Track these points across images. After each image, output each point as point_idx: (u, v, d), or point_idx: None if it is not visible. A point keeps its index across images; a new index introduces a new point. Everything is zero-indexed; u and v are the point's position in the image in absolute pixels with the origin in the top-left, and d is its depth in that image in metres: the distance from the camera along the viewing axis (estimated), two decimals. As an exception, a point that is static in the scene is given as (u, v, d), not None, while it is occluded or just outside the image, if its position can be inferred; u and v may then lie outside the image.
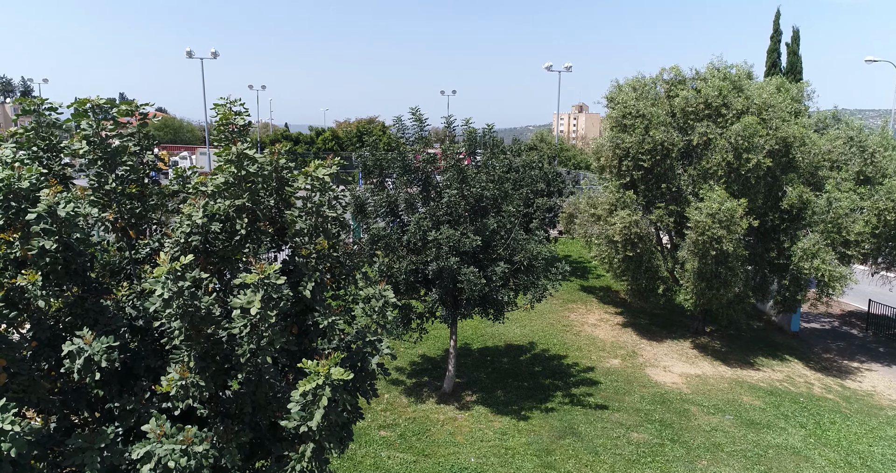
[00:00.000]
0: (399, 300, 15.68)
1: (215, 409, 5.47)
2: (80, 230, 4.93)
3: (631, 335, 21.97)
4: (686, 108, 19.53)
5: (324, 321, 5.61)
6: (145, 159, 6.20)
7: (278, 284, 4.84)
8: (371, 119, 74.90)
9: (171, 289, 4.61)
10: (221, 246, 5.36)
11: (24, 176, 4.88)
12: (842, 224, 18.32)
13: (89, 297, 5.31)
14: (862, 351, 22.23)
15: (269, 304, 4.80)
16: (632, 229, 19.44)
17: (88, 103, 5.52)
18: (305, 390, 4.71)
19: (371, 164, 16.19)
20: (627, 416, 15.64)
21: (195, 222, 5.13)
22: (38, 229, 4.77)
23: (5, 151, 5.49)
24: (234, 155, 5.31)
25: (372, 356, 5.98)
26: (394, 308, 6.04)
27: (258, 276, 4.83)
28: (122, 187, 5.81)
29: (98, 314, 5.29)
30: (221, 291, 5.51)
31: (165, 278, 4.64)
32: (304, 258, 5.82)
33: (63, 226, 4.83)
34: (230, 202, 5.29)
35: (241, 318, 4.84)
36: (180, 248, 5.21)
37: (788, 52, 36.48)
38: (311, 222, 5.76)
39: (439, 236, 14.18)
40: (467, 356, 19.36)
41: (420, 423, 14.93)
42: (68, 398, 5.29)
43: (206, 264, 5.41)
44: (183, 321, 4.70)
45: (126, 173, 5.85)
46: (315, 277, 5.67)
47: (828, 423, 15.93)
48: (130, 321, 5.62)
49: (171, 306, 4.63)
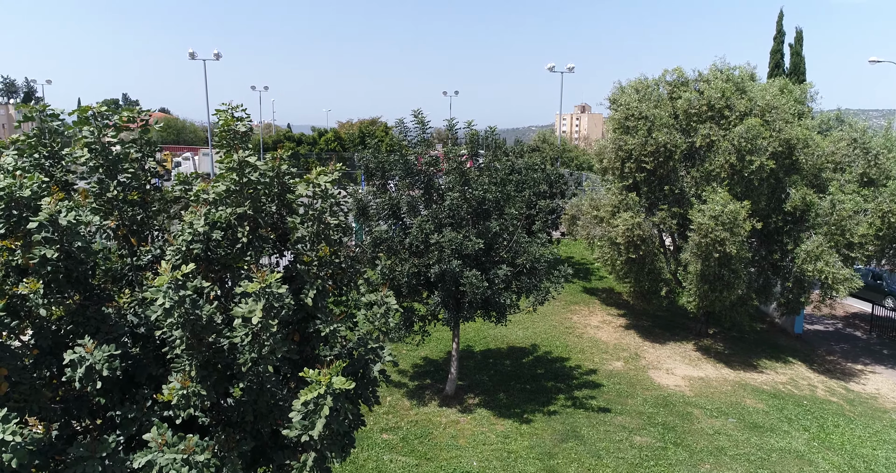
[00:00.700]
0: (401, 303, 15.68)
1: (217, 417, 5.46)
2: (81, 239, 4.92)
3: (634, 337, 21.92)
4: (689, 110, 19.48)
5: (325, 328, 5.60)
6: (147, 166, 6.19)
7: (280, 293, 4.82)
8: (373, 120, 74.92)
9: (173, 298, 4.60)
10: (223, 254, 5.34)
11: (25, 184, 4.87)
12: (845, 226, 18.25)
13: (91, 305, 5.30)
14: (866, 353, 22.15)
15: (270, 313, 4.79)
16: (634, 232, 19.40)
17: (90, 111, 5.51)
18: (307, 399, 4.69)
19: (373, 166, 16.20)
20: (630, 419, 15.59)
21: (196, 230, 5.12)
22: (40, 237, 4.76)
23: (7, 158, 5.48)
24: (236, 163, 5.30)
25: (374, 363, 5.96)
26: (396, 314, 6.01)
27: (260, 285, 4.81)
28: (124, 193, 5.80)
29: (100, 322, 5.28)
30: (223, 298, 5.49)
31: (167, 287, 4.63)
32: (305, 265, 5.80)
33: (65, 235, 4.82)
34: (232, 210, 5.28)
35: (242, 327, 4.83)
36: (182, 256, 5.20)
37: (791, 53, 36.42)
38: (313, 230, 5.74)
39: (441, 240, 14.16)
40: (469, 358, 19.33)
41: (422, 426, 14.91)
42: (70, 407, 5.29)
43: (208, 272, 5.40)
44: (184, 331, 4.69)
45: (128, 180, 5.84)
46: (317, 284, 5.65)
47: (831, 426, 15.87)
48: (132, 329, 5.61)
49: (173, 315, 4.62)
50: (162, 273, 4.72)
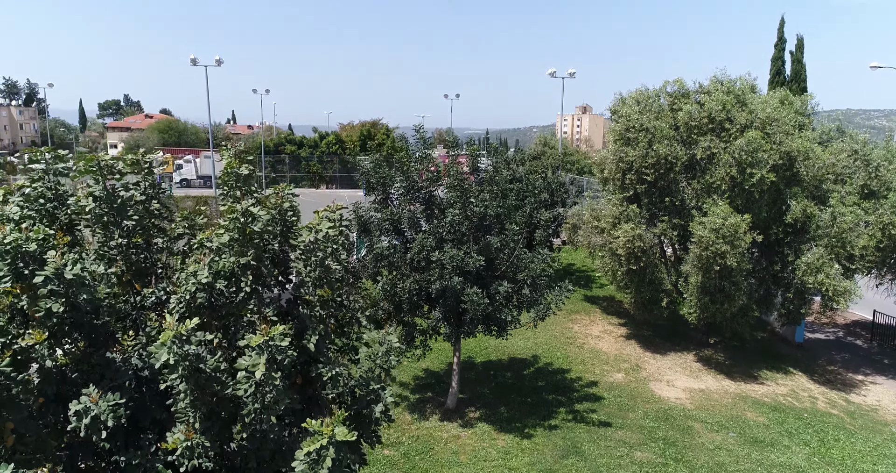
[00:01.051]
0: (402, 318, 15.74)
1: (220, 462, 5.52)
2: (87, 291, 4.98)
3: (634, 347, 21.96)
4: (690, 122, 19.51)
5: (328, 372, 5.66)
6: (151, 207, 6.26)
7: (282, 346, 4.88)
8: (375, 122, 74.75)
9: (177, 353, 4.66)
10: (226, 301, 5.41)
11: (31, 238, 4.93)
12: (846, 239, 18.28)
13: (95, 352, 5.36)
14: (867, 363, 22.19)
15: (273, 365, 4.85)
16: (635, 243, 19.44)
17: (95, 160, 5.57)
18: (310, 450, 4.75)
19: (375, 181, 16.25)
20: (631, 434, 15.65)
21: (200, 281, 5.19)
22: (46, 291, 4.82)
23: (13, 208, 5.55)
24: (240, 213, 5.36)
25: (376, 403, 6.02)
26: (398, 355, 6.07)
27: (263, 337, 4.87)
28: (128, 239, 5.87)
29: (104, 368, 5.35)
30: (227, 346, 5.56)
31: (171, 342, 4.69)
32: (307, 307, 5.87)
33: (70, 287, 4.89)
34: (235, 259, 5.34)
35: (245, 380, 4.89)
36: (185, 304, 5.26)
37: (792, 61, 36.46)
38: (316, 275, 5.80)
39: (442, 257, 14.23)
40: (470, 369, 19.39)
41: (423, 441, 14.97)
42: (75, 452, 5.35)
43: (211, 319, 5.46)
44: (188, 384, 4.75)
45: (133, 225, 5.91)
46: (319, 329, 5.71)
47: (832, 440, 15.91)
48: (136, 372, 5.68)
49: (177, 370, 4.68)
50: (166, 327, 4.78)
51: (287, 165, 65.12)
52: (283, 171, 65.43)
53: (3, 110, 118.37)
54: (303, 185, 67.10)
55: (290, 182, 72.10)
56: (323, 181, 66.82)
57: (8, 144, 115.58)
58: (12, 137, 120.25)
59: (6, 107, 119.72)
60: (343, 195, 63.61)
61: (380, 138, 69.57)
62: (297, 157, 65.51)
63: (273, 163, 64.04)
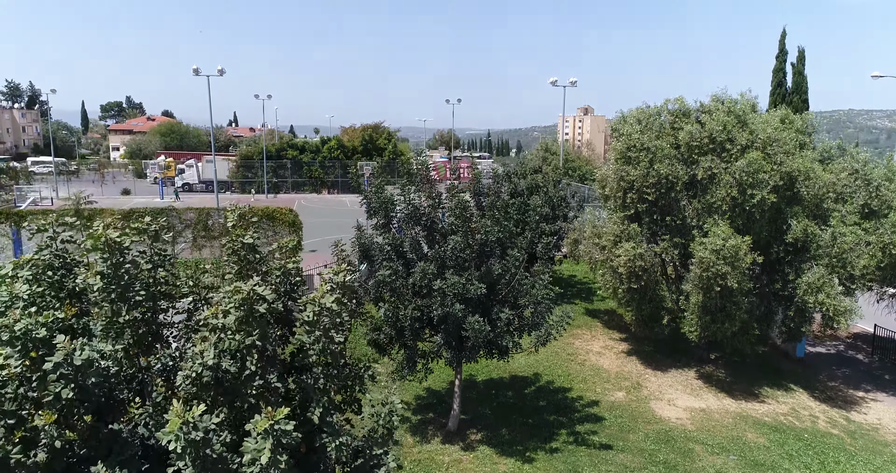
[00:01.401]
0: (405, 342, 15.84)
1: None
2: (96, 374, 5.09)
3: (636, 364, 22.05)
4: (691, 142, 19.56)
5: (332, 442, 5.76)
6: (158, 275, 6.35)
7: (287, 430, 4.98)
8: (377, 125, 74.85)
9: (185, 439, 4.76)
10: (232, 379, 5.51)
11: (40, 322, 5.03)
12: (846, 259, 18.34)
13: (102, 427, 5.47)
14: (867, 378, 22.24)
15: (278, 449, 4.95)
16: (636, 262, 19.53)
17: (103, 237, 5.67)
18: (314, 531, 4.86)
19: (376, 205, 16.32)
20: (632, 457, 15.75)
21: (206, 362, 5.29)
22: (55, 376, 4.93)
23: (23, 286, 5.65)
24: (246, 293, 5.46)
25: (378, 469, 6.12)
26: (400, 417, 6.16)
27: (268, 421, 4.97)
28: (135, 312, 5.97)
29: (112, 443, 5.45)
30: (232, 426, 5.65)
31: (179, 429, 4.79)
32: (311, 378, 5.97)
33: (79, 372, 4.99)
34: (241, 338, 5.44)
35: (251, 463, 4.99)
36: (192, 382, 5.36)
37: (794, 72, 36.48)
38: (319, 348, 5.91)
39: (444, 285, 14.32)
40: (472, 388, 19.50)
41: (425, 466, 15.09)
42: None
43: (217, 395, 5.57)
44: (195, 469, 4.85)
45: (141, 299, 6.00)
46: (322, 402, 5.81)
47: (832, 463, 16.00)
48: (143, 441, 5.78)
49: (185, 458, 4.79)
50: (173, 411, 4.88)
51: (289, 170, 65.22)
52: (285, 176, 65.54)
53: (5, 113, 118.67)
54: (305, 190, 67.11)
55: (291, 187, 71.54)
56: (325, 186, 66.91)
57: (10, 147, 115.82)
58: (15, 139, 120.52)
59: (9, 110, 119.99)
60: (345, 200, 63.68)
61: (381, 143, 69.55)
62: (299, 161, 65.62)
63: (275, 168, 64.15)
